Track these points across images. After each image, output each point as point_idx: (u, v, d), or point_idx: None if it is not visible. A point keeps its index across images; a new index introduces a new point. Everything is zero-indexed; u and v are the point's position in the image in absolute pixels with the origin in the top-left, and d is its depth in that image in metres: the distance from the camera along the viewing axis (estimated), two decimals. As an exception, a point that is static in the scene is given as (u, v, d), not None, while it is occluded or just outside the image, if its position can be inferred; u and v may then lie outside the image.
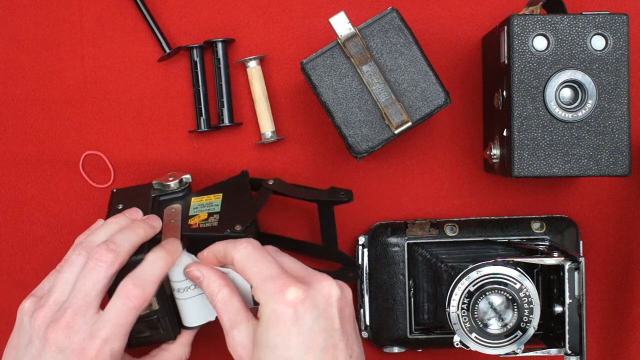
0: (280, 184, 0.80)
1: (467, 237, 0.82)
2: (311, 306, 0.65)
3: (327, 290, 0.66)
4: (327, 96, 0.75)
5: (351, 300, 0.68)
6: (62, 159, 0.85)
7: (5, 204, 0.86)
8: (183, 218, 0.76)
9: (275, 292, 0.65)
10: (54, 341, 0.67)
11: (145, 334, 0.75)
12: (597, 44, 0.73)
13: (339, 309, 0.66)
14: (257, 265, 0.67)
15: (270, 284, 0.66)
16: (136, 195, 0.79)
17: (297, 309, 0.64)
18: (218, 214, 0.75)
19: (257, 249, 0.68)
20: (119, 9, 0.85)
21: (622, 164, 0.74)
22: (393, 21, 0.75)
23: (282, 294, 0.65)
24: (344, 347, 0.66)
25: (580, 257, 0.72)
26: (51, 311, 0.69)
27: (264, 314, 0.66)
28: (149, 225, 0.73)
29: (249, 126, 0.85)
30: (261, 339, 0.66)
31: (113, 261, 0.69)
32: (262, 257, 0.68)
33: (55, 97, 0.85)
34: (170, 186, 0.79)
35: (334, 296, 0.66)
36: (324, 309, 0.65)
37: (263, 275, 0.66)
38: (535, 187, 0.85)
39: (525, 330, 0.72)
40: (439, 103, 0.75)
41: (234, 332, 0.68)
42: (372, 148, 0.75)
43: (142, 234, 0.72)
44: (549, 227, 0.82)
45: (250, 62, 0.84)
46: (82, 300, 0.68)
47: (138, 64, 0.85)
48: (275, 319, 0.65)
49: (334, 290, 0.66)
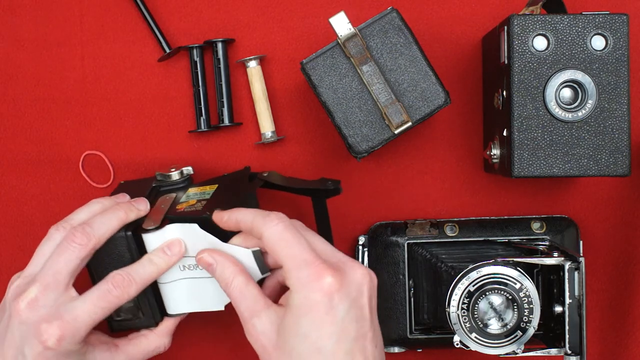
0: (274, 176, 0.79)
1: (467, 237, 0.82)
2: (345, 295, 0.64)
3: (360, 278, 0.65)
4: (327, 96, 0.75)
5: (376, 290, 0.67)
6: (62, 158, 0.85)
7: (5, 204, 0.86)
8: (174, 204, 0.77)
9: (311, 280, 0.64)
10: (17, 312, 0.69)
11: (125, 317, 0.75)
12: (597, 44, 0.73)
13: (369, 298, 0.66)
14: (290, 247, 0.65)
15: (304, 271, 0.64)
16: (139, 186, 0.80)
17: (332, 297, 0.63)
18: (206, 201, 0.75)
19: (288, 228, 0.66)
20: (119, 9, 0.85)
21: (622, 164, 0.74)
22: (393, 21, 0.75)
23: (317, 283, 0.63)
24: (372, 337, 0.65)
25: (580, 257, 0.72)
26: (23, 283, 0.71)
27: (295, 301, 0.64)
28: (133, 208, 0.74)
29: (249, 126, 0.85)
30: (290, 327, 0.64)
31: (86, 243, 0.71)
32: (295, 239, 0.66)
33: (55, 97, 0.85)
34: (171, 177, 0.80)
35: (366, 285, 0.65)
36: (355, 298, 0.65)
37: (297, 261, 0.65)
38: (535, 187, 0.85)
39: (525, 330, 0.72)
40: (439, 103, 0.75)
41: (254, 320, 0.66)
42: (372, 148, 0.75)
43: (123, 217, 0.73)
44: (549, 227, 0.82)
45: (250, 62, 0.84)
46: (51, 276, 0.70)
47: (138, 64, 0.85)
48: (309, 307, 0.64)
49: (366, 279, 0.66)
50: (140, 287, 0.72)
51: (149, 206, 0.75)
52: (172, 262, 0.73)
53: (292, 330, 0.64)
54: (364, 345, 0.64)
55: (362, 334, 0.65)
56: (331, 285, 0.64)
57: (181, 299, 0.74)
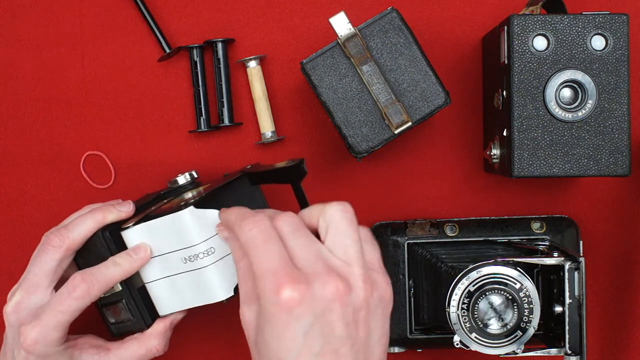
0: (255, 166, 0.78)
1: (467, 237, 0.82)
2: (307, 310, 0.60)
3: (330, 294, 0.60)
4: (327, 96, 0.75)
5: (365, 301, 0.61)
6: (63, 159, 0.85)
7: (6, 204, 0.86)
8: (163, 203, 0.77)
9: (269, 291, 0.60)
10: (6, 316, 0.73)
11: (116, 320, 0.75)
12: (597, 44, 0.73)
13: (341, 314, 0.60)
14: (259, 254, 0.62)
15: (266, 281, 0.60)
16: (151, 196, 0.80)
17: (290, 312, 0.59)
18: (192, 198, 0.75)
19: (261, 234, 0.62)
20: (119, 9, 0.85)
21: (622, 164, 0.74)
22: (393, 21, 0.75)
23: (275, 295, 0.60)
24: (347, 352, 0.60)
25: (580, 257, 0.72)
26: (15, 288, 0.74)
27: (261, 309, 0.62)
28: (113, 209, 0.74)
29: (249, 126, 0.85)
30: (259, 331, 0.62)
31: (60, 245, 0.72)
32: (265, 246, 0.62)
33: (55, 97, 0.85)
34: (177, 182, 0.79)
35: (337, 302, 0.60)
36: (322, 314, 0.60)
37: (262, 268, 0.61)
38: (535, 187, 0.85)
39: (525, 330, 0.72)
40: (439, 103, 0.75)
41: (244, 308, 0.64)
42: (372, 148, 0.75)
43: (99, 218, 0.74)
44: (549, 227, 0.82)
45: (250, 62, 0.84)
46: (30, 280, 0.73)
47: (138, 64, 0.85)
48: (269, 317, 0.60)
49: (338, 295, 0.60)
50: (103, 288, 0.72)
51: (132, 207, 0.75)
52: (136, 265, 0.73)
53: (260, 335, 0.62)
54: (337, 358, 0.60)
55: (332, 349, 0.60)
56: (292, 299, 0.59)
57: (170, 298, 0.74)
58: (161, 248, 0.73)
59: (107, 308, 0.75)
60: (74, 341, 0.74)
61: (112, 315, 0.75)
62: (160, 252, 0.73)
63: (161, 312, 0.75)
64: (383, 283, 0.63)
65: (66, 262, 0.74)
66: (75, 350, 0.74)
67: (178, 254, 0.72)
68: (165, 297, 0.74)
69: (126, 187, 0.85)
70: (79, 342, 0.75)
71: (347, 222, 0.63)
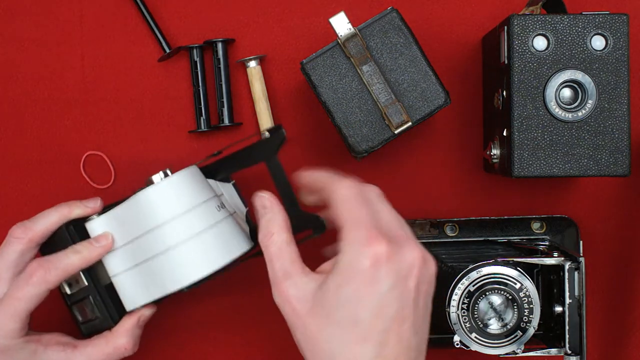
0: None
1: (467, 237, 0.82)
2: (392, 270, 0.61)
3: (412, 260, 0.62)
4: (327, 96, 0.75)
5: (432, 278, 0.64)
6: (63, 159, 0.85)
7: (6, 204, 0.86)
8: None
9: (363, 243, 0.61)
10: None
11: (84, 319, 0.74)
12: (597, 44, 0.73)
13: (416, 282, 0.62)
14: (354, 210, 0.63)
15: (360, 232, 0.62)
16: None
17: (378, 268, 0.61)
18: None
19: (358, 194, 0.64)
20: (119, 9, 0.85)
21: (622, 164, 0.74)
22: (393, 21, 0.75)
23: (369, 248, 0.61)
24: (412, 322, 0.62)
25: (580, 257, 0.72)
26: None
27: (341, 265, 0.62)
28: (80, 205, 0.74)
29: (249, 126, 0.85)
30: (330, 293, 0.62)
31: (22, 236, 0.72)
32: (361, 205, 0.64)
33: (55, 97, 0.85)
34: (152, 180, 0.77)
35: (416, 268, 0.62)
36: (403, 277, 0.62)
37: (356, 222, 0.62)
38: (535, 187, 0.85)
39: (525, 330, 0.72)
40: (439, 103, 0.75)
41: (287, 283, 0.64)
42: (372, 148, 0.75)
43: (65, 212, 0.73)
44: (549, 227, 0.82)
45: (250, 62, 0.84)
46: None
47: (138, 64, 0.85)
48: (354, 273, 0.61)
49: (418, 262, 0.62)
50: (60, 275, 0.71)
51: (99, 203, 0.75)
52: (97, 253, 0.72)
53: (332, 295, 0.62)
54: (402, 327, 0.61)
55: (403, 316, 0.61)
56: (381, 254, 0.61)
57: (136, 289, 0.73)
58: (124, 237, 0.72)
59: (76, 306, 0.74)
60: (37, 336, 0.73)
61: (81, 313, 0.74)
62: (124, 242, 0.72)
63: (128, 306, 0.73)
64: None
65: (29, 255, 0.73)
66: (39, 346, 0.72)
67: (144, 238, 0.71)
68: (131, 290, 0.73)
69: (126, 187, 0.85)
70: (42, 338, 0.73)
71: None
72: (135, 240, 0.72)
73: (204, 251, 0.70)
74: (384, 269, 0.61)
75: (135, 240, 0.72)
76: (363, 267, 0.61)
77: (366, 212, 0.63)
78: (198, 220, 0.70)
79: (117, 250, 0.73)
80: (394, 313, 0.61)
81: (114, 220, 0.73)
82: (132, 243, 0.72)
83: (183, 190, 0.71)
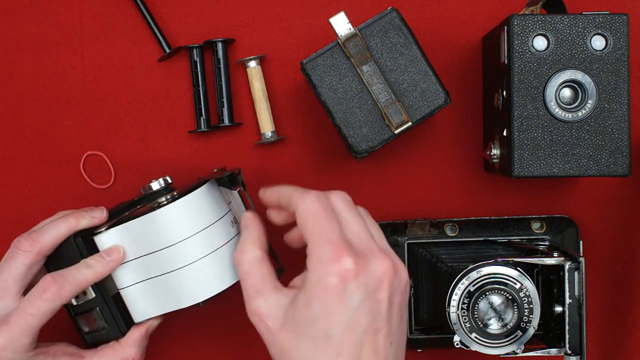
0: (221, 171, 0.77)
1: (467, 237, 0.82)
2: (361, 285, 0.61)
3: (381, 272, 0.62)
4: (327, 96, 0.75)
5: (405, 287, 0.64)
6: (63, 159, 0.85)
7: (6, 204, 0.86)
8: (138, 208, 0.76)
9: (329, 260, 0.61)
10: None
11: (90, 329, 0.74)
12: (597, 44, 0.73)
13: (388, 294, 0.62)
14: (318, 225, 0.63)
15: (325, 249, 0.61)
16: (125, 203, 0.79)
17: (345, 284, 0.60)
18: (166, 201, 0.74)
19: (323, 208, 0.64)
20: (119, 9, 0.85)
21: (622, 164, 0.74)
22: (393, 21, 0.75)
23: (335, 264, 0.61)
24: (386, 333, 0.62)
25: (580, 257, 0.72)
26: None
27: (310, 282, 0.62)
28: (86, 215, 0.73)
29: (249, 126, 0.85)
30: (300, 309, 0.62)
31: (30, 250, 0.71)
32: (326, 218, 0.63)
33: (55, 97, 0.85)
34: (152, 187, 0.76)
35: (387, 280, 0.62)
36: (373, 291, 0.61)
37: (321, 238, 0.62)
38: (535, 187, 0.85)
39: (525, 330, 0.72)
40: (439, 103, 0.75)
41: (259, 301, 0.64)
42: (372, 148, 0.75)
43: (73, 223, 0.72)
44: (549, 227, 0.82)
45: (250, 62, 0.84)
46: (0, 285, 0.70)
47: (138, 64, 0.85)
48: (322, 290, 0.61)
49: (389, 274, 0.62)
50: (74, 290, 0.70)
51: (105, 214, 0.74)
52: (109, 267, 0.71)
53: (303, 312, 0.62)
54: (376, 339, 0.62)
55: (375, 328, 0.62)
56: (349, 270, 0.61)
57: (146, 303, 0.72)
58: (136, 251, 0.72)
59: (81, 317, 0.74)
60: (45, 348, 0.72)
61: (86, 324, 0.74)
62: (136, 256, 0.72)
63: (137, 318, 0.73)
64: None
65: (36, 268, 0.72)
66: (47, 358, 0.72)
67: (159, 253, 0.71)
68: (141, 303, 0.72)
69: (126, 187, 0.85)
70: (50, 350, 0.72)
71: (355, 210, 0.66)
72: (150, 255, 0.71)
73: (220, 267, 0.71)
74: (352, 285, 0.61)
75: (149, 255, 0.71)
76: (331, 285, 0.61)
77: (331, 225, 0.63)
78: (214, 238, 0.71)
79: (128, 264, 0.72)
80: (366, 326, 0.61)
81: (126, 234, 0.72)
82: (145, 257, 0.72)
83: (201, 208, 0.71)
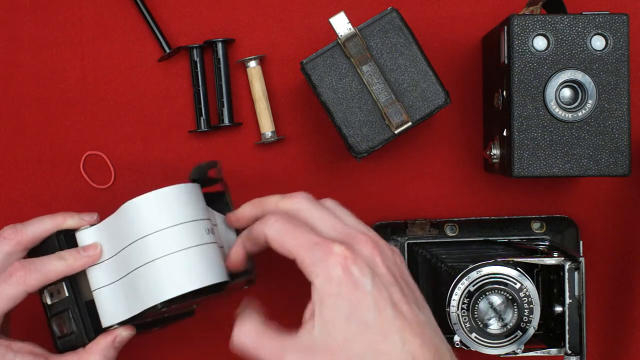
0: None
1: (467, 237, 0.82)
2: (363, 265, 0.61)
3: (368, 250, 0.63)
4: (327, 96, 0.75)
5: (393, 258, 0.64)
6: (63, 159, 0.85)
7: (6, 204, 0.86)
8: None
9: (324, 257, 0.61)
10: None
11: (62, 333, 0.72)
12: (597, 44, 0.73)
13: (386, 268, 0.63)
14: (295, 238, 0.63)
15: (316, 252, 0.62)
16: None
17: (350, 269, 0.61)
18: None
19: (286, 222, 0.64)
20: (119, 9, 0.85)
21: (622, 164, 0.74)
22: (393, 21, 0.75)
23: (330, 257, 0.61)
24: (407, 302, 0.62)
25: (580, 257, 0.72)
26: None
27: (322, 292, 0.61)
28: (75, 215, 0.73)
29: (249, 126, 0.85)
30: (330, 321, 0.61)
31: (12, 237, 0.71)
32: (296, 229, 0.63)
33: (55, 97, 0.85)
34: None
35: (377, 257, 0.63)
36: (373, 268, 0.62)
37: (306, 246, 0.62)
38: (535, 187, 0.85)
39: (525, 330, 0.72)
40: (439, 103, 0.75)
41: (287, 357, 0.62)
42: (372, 148, 0.75)
43: (59, 221, 0.72)
44: (549, 227, 0.82)
45: (250, 62, 0.84)
46: None
47: (138, 64, 0.85)
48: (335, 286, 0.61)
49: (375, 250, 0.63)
50: (40, 279, 0.70)
51: (96, 218, 0.73)
52: (82, 262, 0.70)
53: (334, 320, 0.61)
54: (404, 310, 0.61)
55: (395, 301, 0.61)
56: (345, 257, 0.61)
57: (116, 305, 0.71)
58: (112, 248, 0.71)
59: (55, 319, 0.72)
60: (8, 341, 0.71)
61: (58, 327, 0.72)
62: (111, 254, 0.71)
63: (105, 322, 0.71)
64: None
65: (15, 257, 0.71)
66: (9, 352, 0.70)
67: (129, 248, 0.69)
68: (111, 305, 0.71)
69: (126, 187, 0.85)
70: (14, 345, 0.71)
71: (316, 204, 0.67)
72: (122, 251, 0.70)
73: (186, 268, 0.68)
74: (356, 268, 0.61)
75: (121, 252, 0.70)
76: (338, 277, 0.61)
77: (304, 231, 0.63)
78: (185, 236, 0.69)
79: (103, 263, 0.71)
80: (388, 301, 0.61)
81: (105, 232, 0.71)
82: (118, 255, 0.70)
83: (174, 203, 0.70)
